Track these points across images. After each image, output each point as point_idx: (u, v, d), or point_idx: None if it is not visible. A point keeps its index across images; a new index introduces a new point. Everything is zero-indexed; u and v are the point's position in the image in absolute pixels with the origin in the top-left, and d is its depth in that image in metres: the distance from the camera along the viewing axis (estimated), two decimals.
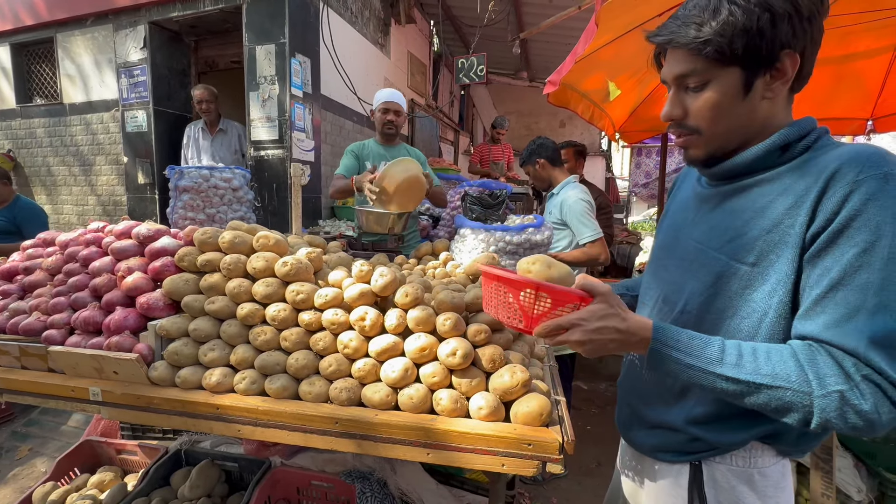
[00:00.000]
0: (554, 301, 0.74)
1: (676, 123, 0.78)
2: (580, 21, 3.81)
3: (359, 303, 1.08)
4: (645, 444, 0.91)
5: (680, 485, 0.83)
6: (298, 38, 3.15)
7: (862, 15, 2.65)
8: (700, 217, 0.84)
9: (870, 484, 2.00)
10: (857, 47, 3.07)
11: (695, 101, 0.75)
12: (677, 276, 0.85)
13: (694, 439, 0.81)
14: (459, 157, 7.57)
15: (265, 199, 3.19)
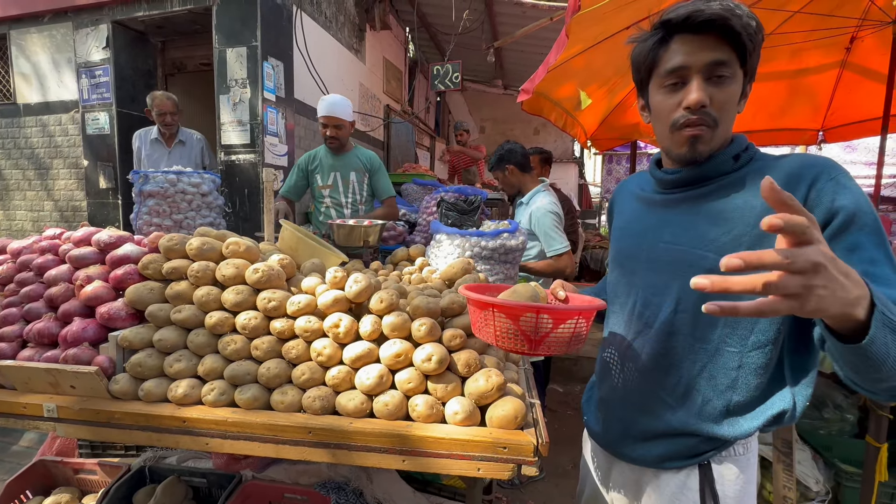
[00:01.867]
0: (555, 320, 0.77)
1: (702, 111, 0.76)
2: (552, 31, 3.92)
3: (333, 309, 1.06)
4: (647, 456, 0.88)
5: (689, 488, 0.82)
6: (271, 42, 3.10)
7: (811, 33, 2.83)
8: (666, 221, 0.87)
9: (826, 475, 2.11)
10: (807, 63, 3.27)
11: (721, 92, 0.75)
12: (655, 279, 0.86)
13: (708, 439, 0.81)
14: (435, 162, 7.60)
15: (236, 204, 3.11)
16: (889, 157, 3.77)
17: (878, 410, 1.86)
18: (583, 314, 0.79)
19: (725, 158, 0.79)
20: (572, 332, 0.81)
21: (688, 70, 0.76)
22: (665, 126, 0.81)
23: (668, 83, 0.79)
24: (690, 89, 0.75)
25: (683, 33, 0.75)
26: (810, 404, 2.30)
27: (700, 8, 0.72)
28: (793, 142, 4.01)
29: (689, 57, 0.75)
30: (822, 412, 2.32)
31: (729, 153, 0.79)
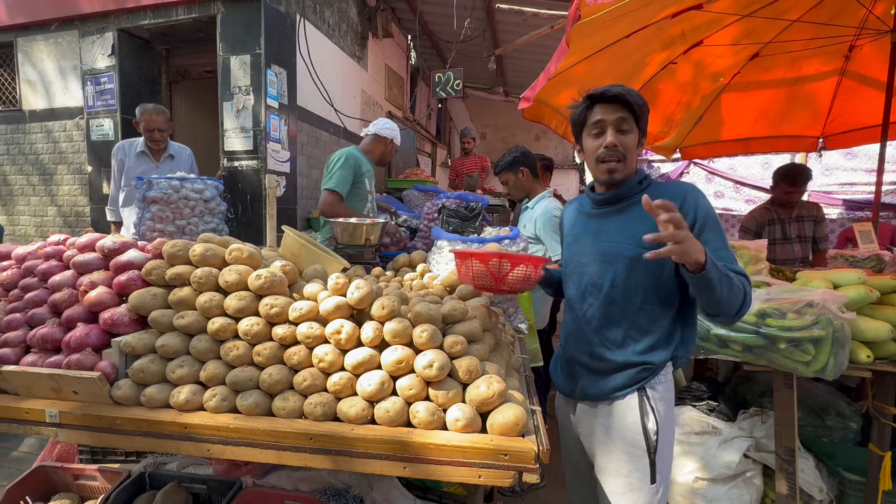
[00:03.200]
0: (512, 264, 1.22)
1: (615, 149, 1.18)
2: (553, 39, 3.95)
3: (334, 316, 1.07)
4: (602, 390, 1.23)
5: (632, 407, 1.19)
6: (274, 50, 3.14)
7: (811, 41, 2.85)
8: (601, 227, 1.27)
9: (830, 483, 2.09)
10: (807, 70, 3.29)
11: (625, 138, 1.19)
12: (597, 267, 1.24)
13: (643, 368, 1.19)
14: (437, 169, 7.63)
15: (238, 210, 3.13)
16: (889, 165, 3.77)
17: (882, 419, 1.86)
18: (531, 261, 1.25)
19: (633, 184, 1.22)
20: (524, 273, 1.24)
21: (605, 123, 1.19)
22: (592, 161, 1.23)
23: (593, 132, 1.22)
24: (607, 135, 1.19)
25: (601, 103, 1.19)
26: (813, 412, 2.29)
27: (609, 89, 1.19)
28: (792, 148, 4.02)
29: (606, 115, 1.19)
30: (824, 420, 2.30)
31: (635, 180, 1.22)
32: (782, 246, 3.20)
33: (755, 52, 3.12)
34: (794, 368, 1.64)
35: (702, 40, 2.92)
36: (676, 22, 2.57)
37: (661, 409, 1.18)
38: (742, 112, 3.64)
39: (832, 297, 1.56)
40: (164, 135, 2.86)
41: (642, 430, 1.16)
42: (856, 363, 1.67)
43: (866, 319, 1.70)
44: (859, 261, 2.32)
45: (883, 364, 1.73)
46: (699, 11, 2.50)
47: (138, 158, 2.90)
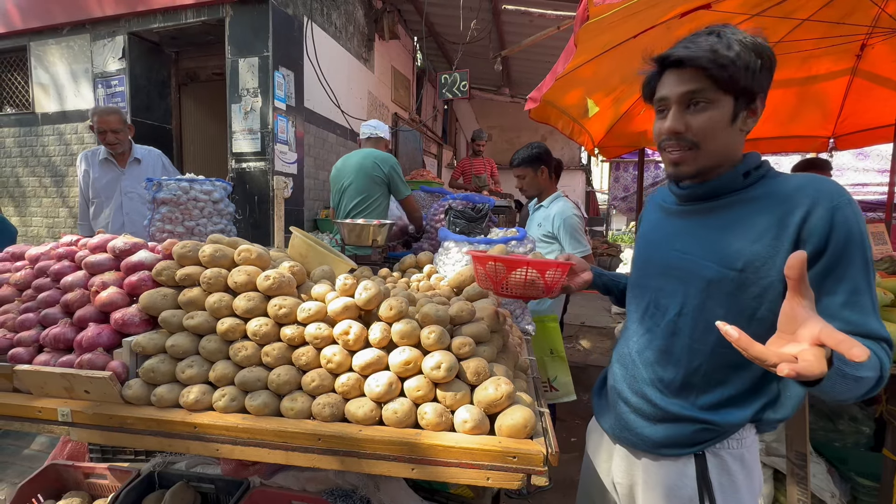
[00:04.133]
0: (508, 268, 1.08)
1: (677, 137, 0.87)
2: (559, 40, 3.94)
3: (342, 317, 1.07)
4: (647, 440, 0.96)
5: (687, 475, 0.91)
6: (282, 52, 3.16)
7: (821, 40, 2.81)
8: (679, 231, 0.97)
9: (843, 489, 2.06)
10: (817, 70, 3.25)
11: (697, 118, 0.85)
12: (664, 283, 0.97)
13: (703, 428, 0.90)
14: (443, 170, 7.64)
15: (246, 211, 3.15)
16: None
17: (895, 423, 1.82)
18: (531, 265, 1.05)
19: (734, 176, 0.88)
20: (524, 278, 1.08)
21: (668, 101, 0.88)
22: (657, 147, 0.93)
23: (658, 110, 0.91)
24: (667, 118, 0.88)
25: (670, 68, 0.87)
26: (824, 416, 2.26)
27: (675, 50, 0.86)
28: (802, 149, 3.97)
29: (669, 89, 0.87)
30: (836, 424, 2.27)
31: (738, 171, 0.87)
32: None
33: None
34: None
35: None
36: (685, 22, 2.55)
37: (728, 485, 0.89)
38: None
39: None
40: (119, 136, 2.61)
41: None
42: None
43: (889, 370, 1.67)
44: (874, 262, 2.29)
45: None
46: (707, 11, 2.48)
47: (102, 167, 2.71)
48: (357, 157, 2.64)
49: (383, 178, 2.57)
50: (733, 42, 0.81)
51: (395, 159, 2.62)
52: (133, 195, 2.73)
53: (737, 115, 0.85)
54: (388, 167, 2.56)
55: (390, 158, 2.61)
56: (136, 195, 2.73)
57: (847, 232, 0.76)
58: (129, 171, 2.72)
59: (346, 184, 2.63)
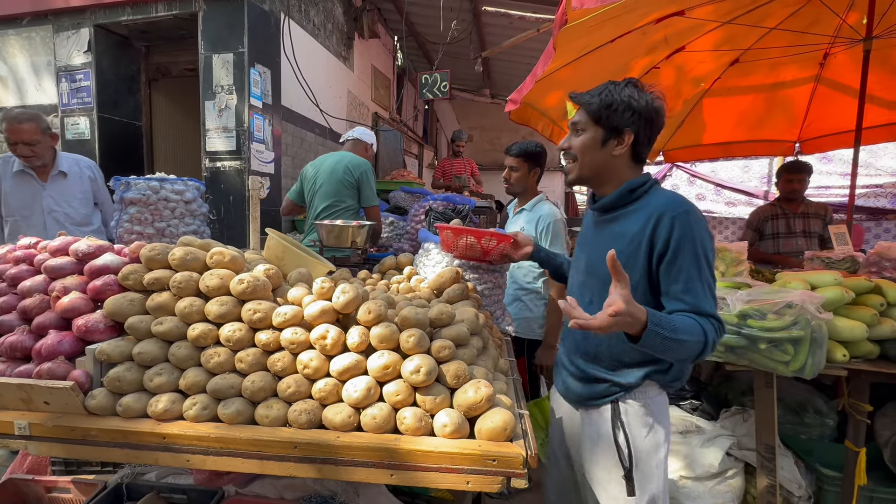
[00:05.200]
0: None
1: (567, 152, 1.22)
2: (539, 42, 3.98)
3: (320, 321, 1.05)
4: (581, 396, 1.26)
5: (605, 418, 1.20)
6: (258, 48, 3.09)
7: (788, 48, 2.93)
8: (596, 237, 1.26)
9: (809, 479, 2.14)
10: (784, 77, 3.38)
11: (577, 140, 1.20)
12: (585, 278, 1.27)
13: (613, 384, 1.19)
14: (424, 170, 7.61)
15: (221, 212, 3.06)
16: (862, 169, 3.90)
17: (857, 416, 1.91)
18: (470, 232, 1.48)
19: (621, 193, 1.17)
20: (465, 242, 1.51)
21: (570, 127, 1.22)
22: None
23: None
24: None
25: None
26: (791, 410, 2.35)
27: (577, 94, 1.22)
28: (770, 152, 4.12)
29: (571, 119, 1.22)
30: (802, 417, 2.36)
31: (624, 189, 1.17)
32: (786, 239, 3.29)
33: (735, 59, 3.20)
34: (774, 368, 1.67)
35: (684, 46, 2.97)
36: (660, 27, 2.61)
37: (635, 425, 1.17)
38: (722, 116, 3.73)
39: (810, 297, 1.60)
40: (35, 149, 2.18)
41: (614, 442, 1.17)
42: (832, 362, 1.72)
43: (842, 319, 1.75)
44: (835, 262, 2.39)
45: (858, 363, 1.78)
46: (681, 17, 2.55)
47: (17, 180, 2.24)
48: (332, 160, 2.63)
49: (353, 183, 2.56)
50: (613, 92, 1.14)
51: (369, 165, 2.61)
52: (59, 214, 2.29)
53: (606, 141, 1.16)
54: (360, 172, 2.55)
55: (364, 164, 2.59)
56: (62, 214, 2.29)
57: (681, 236, 1.04)
58: (52, 187, 2.27)
59: (318, 185, 2.62)
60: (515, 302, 2.37)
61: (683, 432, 2.31)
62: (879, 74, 2.88)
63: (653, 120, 1.14)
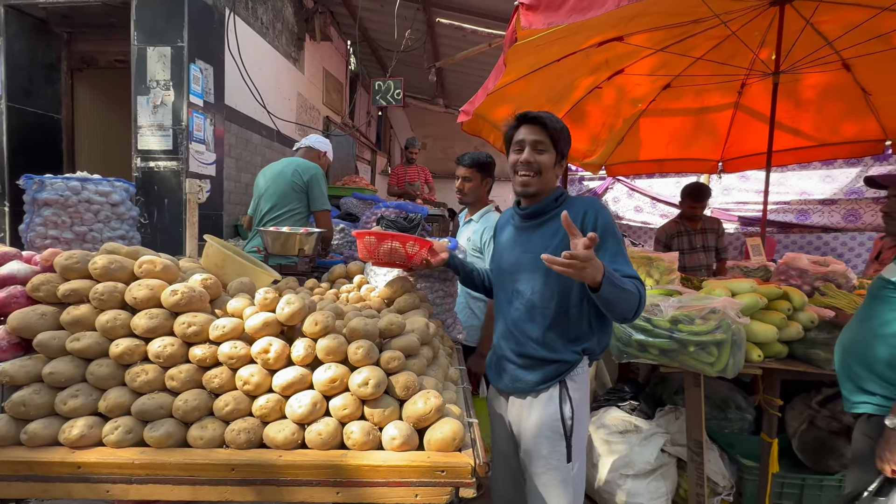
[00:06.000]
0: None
1: (529, 166, 1.35)
2: (491, 56, 4.10)
3: (262, 333, 1.00)
4: (529, 383, 1.38)
5: (554, 398, 1.35)
6: (199, 43, 2.92)
7: (712, 77, 3.22)
8: (524, 240, 1.44)
9: (731, 470, 2.34)
10: (709, 102, 3.72)
11: (541, 157, 1.36)
12: (519, 276, 1.41)
13: (561, 363, 1.35)
14: (377, 176, 7.54)
15: (154, 216, 2.83)
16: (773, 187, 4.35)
17: (770, 410, 2.11)
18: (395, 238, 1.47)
19: (550, 201, 1.40)
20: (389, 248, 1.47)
21: (524, 143, 1.37)
22: (512, 173, 1.41)
23: (516, 149, 1.39)
24: (524, 152, 1.36)
25: (525, 123, 1.38)
26: (716, 407, 2.55)
27: (531, 112, 1.38)
28: (697, 170, 4.51)
29: (525, 136, 1.37)
30: (726, 413, 2.58)
31: (552, 198, 1.40)
32: (690, 255, 3.59)
33: (667, 83, 3.47)
34: (701, 369, 1.81)
35: (623, 68, 3.19)
36: (601, 50, 2.79)
37: (576, 398, 1.37)
38: (657, 135, 4.03)
39: (731, 304, 1.76)
40: None
41: (560, 417, 1.33)
42: (750, 362, 1.89)
43: (757, 323, 1.93)
44: (751, 271, 2.65)
45: (770, 362, 1.98)
46: (620, 43, 2.74)
47: None
48: (280, 164, 2.55)
49: (302, 186, 2.48)
50: (556, 121, 1.37)
51: (319, 169, 2.54)
52: None
53: (557, 163, 1.38)
54: (309, 175, 2.48)
55: (313, 167, 2.52)
56: None
57: (604, 224, 1.30)
58: None
59: (263, 189, 2.52)
60: (465, 310, 2.39)
61: (623, 432, 2.44)
62: (786, 104, 3.26)
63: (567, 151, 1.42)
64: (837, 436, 2.34)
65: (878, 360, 1.54)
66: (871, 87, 3.08)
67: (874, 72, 2.96)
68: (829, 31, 2.67)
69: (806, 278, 2.28)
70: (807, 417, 2.43)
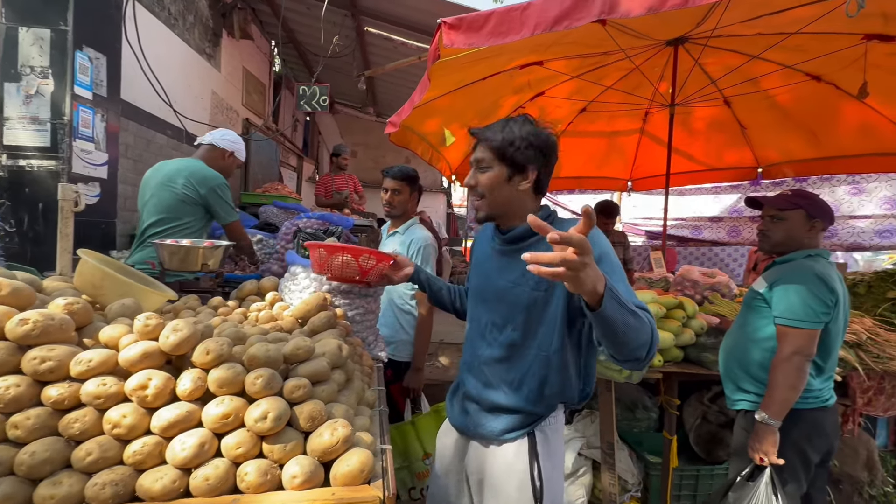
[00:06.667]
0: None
1: (473, 189, 1.22)
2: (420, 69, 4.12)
3: (140, 366, 0.87)
4: (494, 430, 1.21)
5: (522, 451, 1.18)
6: (88, 29, 2.57)
7: (620, 104, 3.53)
8: (504, 266, 1.24)
9: (639, 468, 2.52)
10: (619, 126, 4.07)
11: (482, 177, 1.20)
12: (498, 307, 1.24)
13: (531, 414, 1.19)
14: (303, 183, 7.22)
15: (24, 223, 2.41)
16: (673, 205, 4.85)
17: (670, 409, 2.32)
18: (346, 250, 1.37)
19: (526, 225, 1.17)
20: (341, 262, 1.38)
21: (472, 163, 1.23)
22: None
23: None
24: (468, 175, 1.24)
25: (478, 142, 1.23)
26: (625, 408, 2.75)
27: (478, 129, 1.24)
28: (610, 188, 4.92)
29: (473, 155, 1.23)
30: (634, 413, 2.79)
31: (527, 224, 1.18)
32: None
33: (583, 107, 3.75)
34: (611, 377, 1.94)
35: (544, 91, 3.38)
36: (524, 73, 2.93)
37: (547, 453, 1.19)
38: (576, 155, 4.32)
39: None
40: None
41: (530, 476, 1.16)
42: (652, 367, 2.06)
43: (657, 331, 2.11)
44: (654, 282, 2.92)
45: (669, 366, 2.18)
46: (540, 67, 2.90)
47: None
48: (170, 168, 2.24)
49: (197, 200, 2.18)
50: (514, 129, 1.17)
51: (219, 179, 2.24)
52: None
53: (511, 178, 1.18)
54: (206, 189, 2.17)
55: (212, 178, 2.21)
56: None
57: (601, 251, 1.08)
58: None
59: (148, 196, 2.22)
60: (393, 324, 2.34)
61: None
62: (681, 133, 3.67)
63: (551, 154, 1.20)
64: (724, 428, 2.63)
65: (751, 363, 1.75)
66: (746, 122, 3.58)
67: (748, 110, 3.44)
68: (713, 72, 3.06)
69: (697, 288, 2.55)
70: (700, 413, 2.70)
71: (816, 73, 2.84)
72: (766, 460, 1.59)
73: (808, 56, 2.59)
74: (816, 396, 1.66)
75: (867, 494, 2.53)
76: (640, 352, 0.91)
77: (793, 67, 2.77)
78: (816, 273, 1.62)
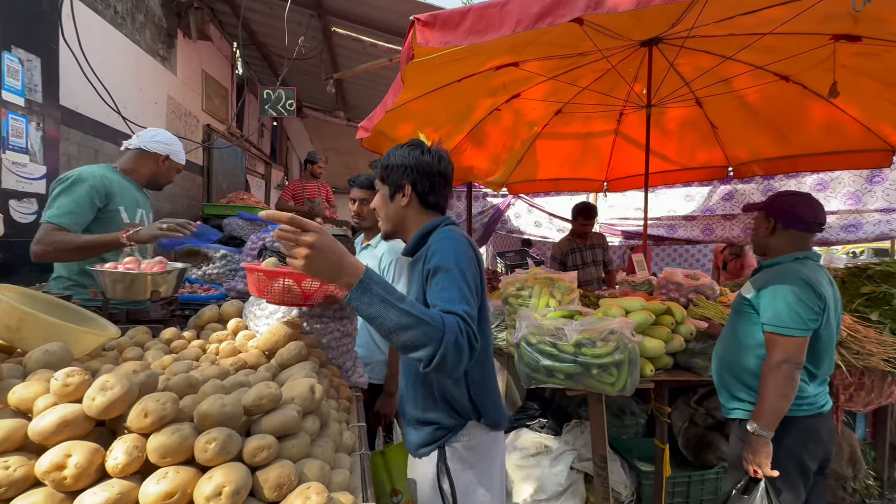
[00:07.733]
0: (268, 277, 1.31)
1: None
2: (392, 71, 3.98)
3: (58, 438, 0.69)
4: (412, 444, 1.29)
5: (431, 465, 1.23)
6: (17, 27, 2.31)
7: (596, 106, 3.49)
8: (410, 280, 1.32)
9: (631, 478, 2.45)
10: (594, 128, 4.05)
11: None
12: None
13: (437, 427, 1.22)
14: (272, 191, 6.93)
15: None
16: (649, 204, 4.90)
17: (661, 417, 2.26)
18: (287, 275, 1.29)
19: (419, 237, 1.26)
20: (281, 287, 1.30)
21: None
22: None
23: None
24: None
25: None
26: (614, 414, 2.69)
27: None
28: (587, 189, 4.91)
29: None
30: (623, 420, 2.73)
31: (420, 234, 1.26)
32: (583, 270, 3.86)
33: (559, 109, 3.70)
34: (603, 390, 1.85)
35: (520, 93, 3.30)
36: (499, 74, 2.84)
37: (458, 468, 1.21)
38: (551, 157, 4.28)
39: (625, 324, 1.83)
40: None
41: (439, 489, 1.21)
42: (644, 377, 1.99)
43: (648, 339, 2.05)
44: (637, 284, 2.88)
45: (660, 374, 2.11)
46: (516, 68, 2.81)
47: None
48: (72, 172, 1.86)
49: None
50: (391, 155, 1.30)
51: (77, 171, 1.83)
52: None
53: (393, 196, 1.29)
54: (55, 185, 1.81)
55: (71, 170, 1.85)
56: None
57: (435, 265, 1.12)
58: None
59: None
60: (368, 344, 2.18)
61: (535, 454, 2.43)
62: (655, 133, 3.67)
63: (427, 171, 1.26)
64: (712, 431, 2.61)
65: (743, 370, 1.70)
66: (717, 122, 3.62)
67: (720, 110, 3.48)
68: (686, 73, 3.06)
69: (682, 291, 2.52)
70: (688, 416, 2.67)
71: (785, 73, 2.88)
72: (760, 472, 1.53)
73: (778, 56, 2.61)
74: (811, 403, 1.62)
75: (850, 488, 2.55)
76: (417, 354, 0.93)
77: (763, 68, 2.80)
78: (803, 277, 1.58)
